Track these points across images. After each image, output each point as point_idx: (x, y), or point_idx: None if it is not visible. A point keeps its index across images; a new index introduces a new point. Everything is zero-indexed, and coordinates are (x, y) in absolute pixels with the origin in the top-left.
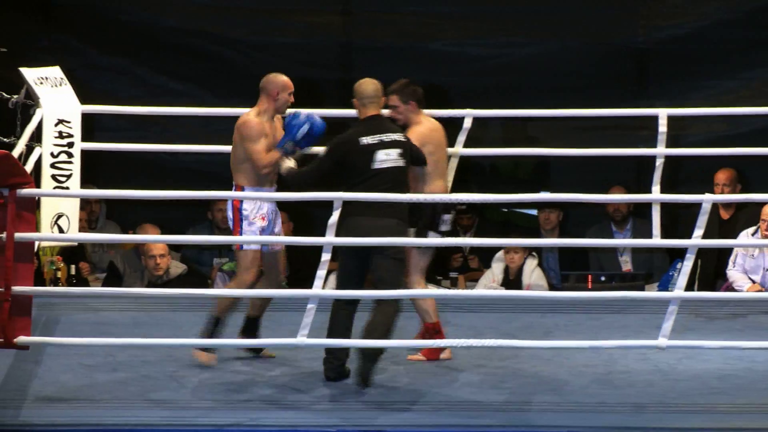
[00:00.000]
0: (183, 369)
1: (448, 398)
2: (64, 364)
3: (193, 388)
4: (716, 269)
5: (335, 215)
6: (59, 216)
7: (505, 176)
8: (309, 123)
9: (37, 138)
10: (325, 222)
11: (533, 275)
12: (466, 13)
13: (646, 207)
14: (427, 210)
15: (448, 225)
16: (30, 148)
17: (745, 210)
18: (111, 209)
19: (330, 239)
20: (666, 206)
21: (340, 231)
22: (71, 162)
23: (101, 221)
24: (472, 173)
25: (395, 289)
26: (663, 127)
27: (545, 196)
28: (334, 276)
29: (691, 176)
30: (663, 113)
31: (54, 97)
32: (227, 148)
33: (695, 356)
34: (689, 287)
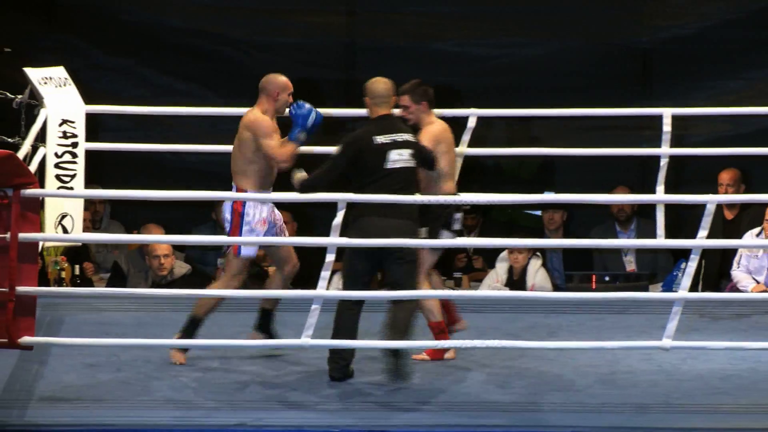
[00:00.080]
0: (186, 369)
1: (453, 398)
2: (68, 365)
3: (197, 389)
4: (720, 269)
5: (339, 216)
6: (63, 216)
7: (509, 176)
8: (315, 112)
9: (42, 138)
10: (327, 222)
11: (537, 275)
12: (469, 14)
13: (651, 207)
14: (442, 209)
15: (460, 224)
16: (34, 148)
17: (749, 210)
18: (115, 209)
19: (334, 240)
20: (670, 206)
21: (351, 231)
22: (75, 162)
23: (105, 221)
24: (476, 173)
25: (411, 290)
26: (667, 127)
27: (549, 197)
28: (338, 276)
29: (695, 176)
30: (667, 113)
31: (58, 97)
32: (231, 148)
33: (699, 356)
34: (693, 287)
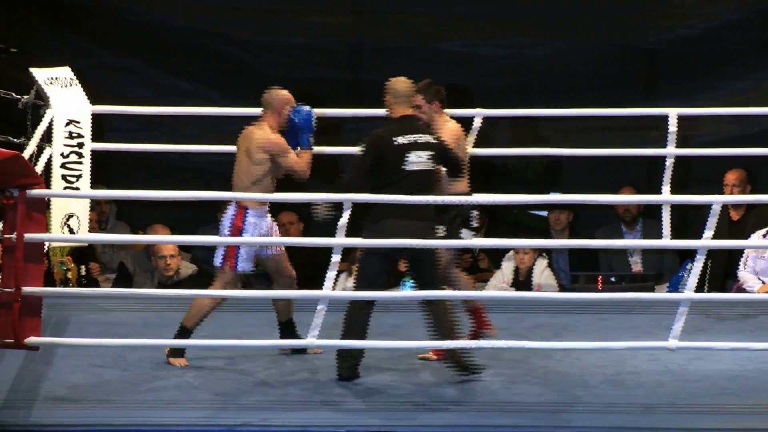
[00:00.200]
0: (192, 370)
1: (458, 398)
2: (74, 365)
3: (203, 389)
4: (726, 270)
5: (345, 216)
6: (69, 216)
7: (515, 177)
8: (312, 112)
9: (48, 138)
10: (332, 223)
11: (543, 276)
12: (477, 14)
13: (656, 208)
14: (460, 208)
15: (477, 222)
16: (40, 149)
17: (755, 211)
18: (121, 210)
19: (340, 240)
20: (676, 207)
21: (370, 233)
22: (81, 162)
23: (111, 222)
24: (482, 173)
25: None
26: (673, 127)
27: (555, 198)
28: (344, 276)
29: (701, 177)
30: (673, 113)
31: (64, 98)
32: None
33: (705, 357)
34: (699, 288)
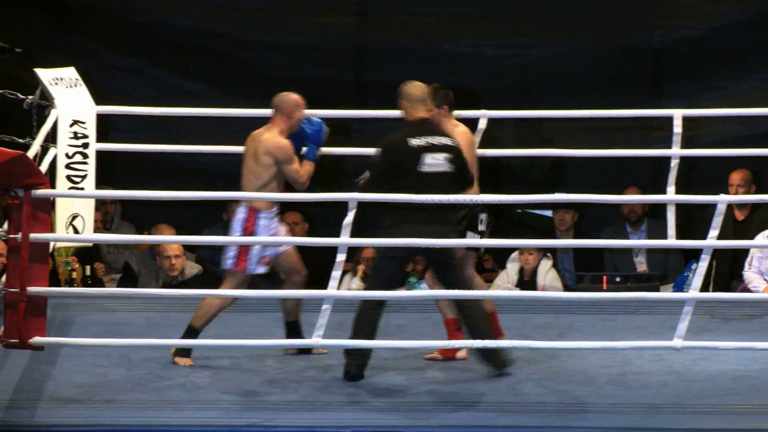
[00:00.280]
0: (198, 370)
1: (463, 398)
2: (79, 365)
3: (208, 389)
4: (731, 270)
5: (350, 215)
6: (74, 217)
7: (520, 177)
8: (324, 126)
9: (52, 139)
10: (337, 222)
11: (548, 276)
12: (481, 14)
13: (661, 208)
14: (468, 210)
15: (484, 224)
16: (45, 149)
17: (760, 211)
18: (126, 210)
19: (345, 240)
20: (681, 207)
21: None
22: (86, 162)
23: (116, 222)
24: (487, 174)
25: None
26: (678, 128)
27: (560, 197)
28: (349, 276)
29: (706, 177)
30: (678, 114)
31: (69, 98)
32: (242, 149)
33: (710, 357)
34: (704, 288)
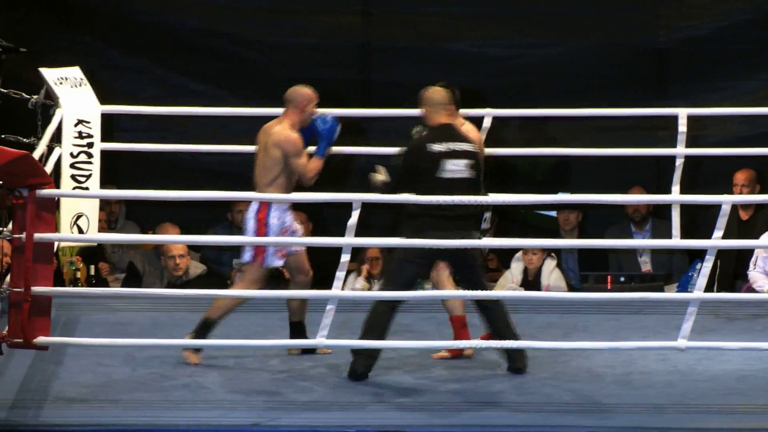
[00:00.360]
0: (202, 369)
1: (467, 399)
2: (84, 365)
3: (212, 389)
4: (735, 270)
5: (354, 216)
6: (79, 216)
7: (524, 177)
8: (338, 125)
9: (57, 138)
10: (342, 223)
11: (552, 276)
12: (486, 14)
13: (666, 207)
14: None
15: (488, 223)
16: (50, 149)
17: (765, 210)
18: (130, 209)
19: (349, 240)
20: (685, 207)
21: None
22: (91, 162)
23: (121, 221)
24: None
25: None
26: (683, 127)
27: (565, 197)
28: (353, 276)
29: (710, 177)
30: (683, 113)
31: (74, 98)
32: (247, 149)
33: (715, 357)
34: (709, 288)
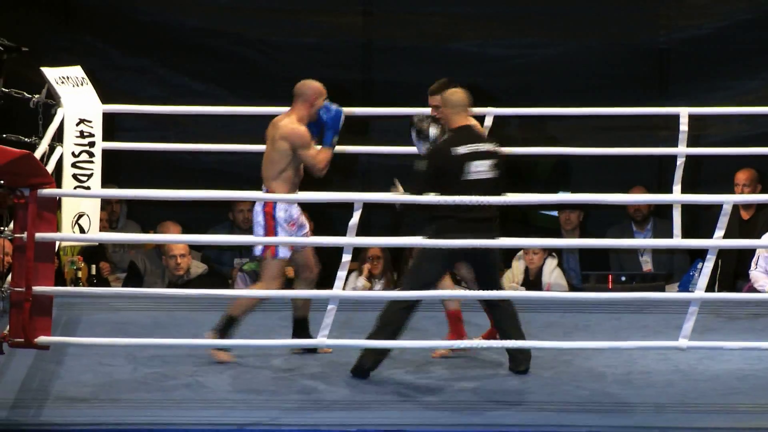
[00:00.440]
0: (203, 369)
1: (468, 398)
2: (85, 364)
3: (214, 388)
4: (736, 270)
5: (356, 216)
6: (80, 216)
7: (525, 176)
8: (341, 112)
9: (59, 138)
10: (344, 222)
11: (553, 275)
12: (487, 14)
13: (667, 207)
14: None
15: None
16: (51, 148)
17: (766, 210)
18: (132, 209)
19: (351, 240)
20: (686, 206)
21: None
22: (92, 162)
23: (122, 221)
24: None
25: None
26: (684, 126)
27: (566, 197)
28: (354, 275)
29: (712, 176)
30: (684, 112)
31: (75, 97)
32: (248, 148)
33: (716, 357)
34: (710, 288)
